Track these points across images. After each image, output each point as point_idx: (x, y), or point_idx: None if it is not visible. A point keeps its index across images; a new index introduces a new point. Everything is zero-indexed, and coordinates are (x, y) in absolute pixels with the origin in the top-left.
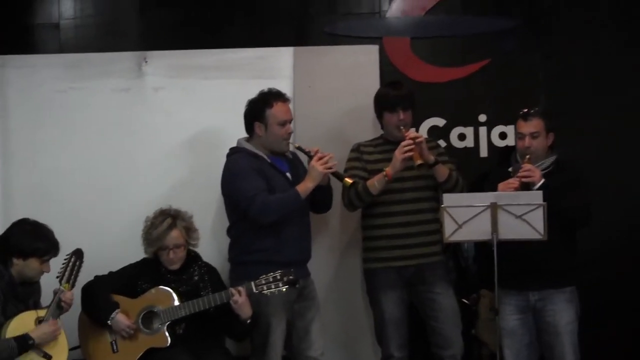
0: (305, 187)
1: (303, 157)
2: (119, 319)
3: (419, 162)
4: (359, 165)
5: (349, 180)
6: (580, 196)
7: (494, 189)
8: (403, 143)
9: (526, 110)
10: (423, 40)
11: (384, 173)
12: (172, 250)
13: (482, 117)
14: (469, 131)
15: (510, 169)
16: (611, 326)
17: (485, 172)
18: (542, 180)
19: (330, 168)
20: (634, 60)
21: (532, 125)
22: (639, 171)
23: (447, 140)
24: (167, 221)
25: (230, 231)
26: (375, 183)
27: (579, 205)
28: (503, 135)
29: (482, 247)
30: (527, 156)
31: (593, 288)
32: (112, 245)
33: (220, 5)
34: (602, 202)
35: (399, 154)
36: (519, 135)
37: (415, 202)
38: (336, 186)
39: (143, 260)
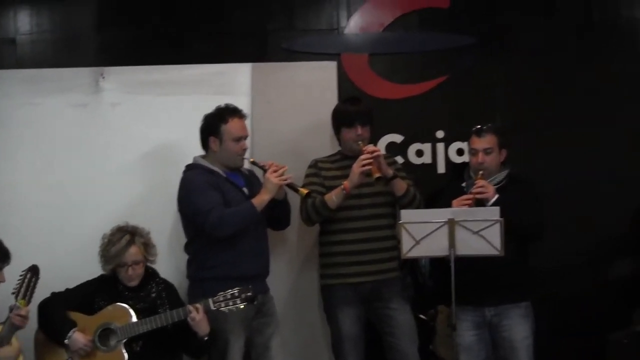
0: (260, 200)
1: (259, 173)
2: (76, 337)
3: (376, 175)
4: (316, 180)
5: (304, 191)
6: (534, 211)
7: (448, 205)
8: (361, 157)
9: (479, 126)
10: (381, 57)
11: (342, 187)
12: (131, 267)
13: (440, 134)
14: (426, 147)
15: (464, 184)
16: (566, 341)
17: (440, 188)
18: (496, 196)
19: (285, 180)
20: (588, 77)
21: (486, 141)
22: (592, 186)
23: (404, 156)
24: (125, 238)
25: (187, 247)
26: (333, 197)
27: (533, 219)
28: (460, 152)
29: (438, 263)
30: (480, 172)
31: (548, 303)
32: (69, 262)
33: (178, 22)
34: (557, 217)
35: (356, 168)
36: (472, 151)
37: (373, 219)
38: (294, 203)
39: (100, 277)
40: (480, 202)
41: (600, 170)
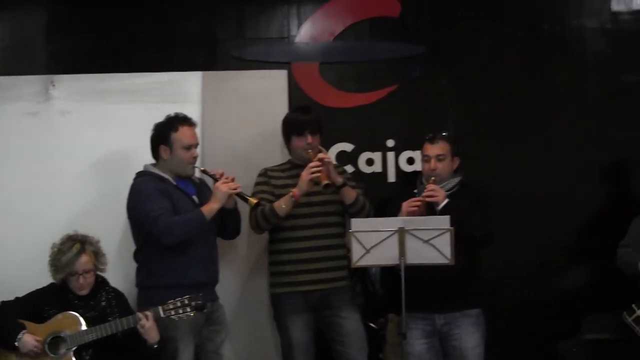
0: (210, 208)
1: (210, 181)
2: (26, 339)
3: (325, 182)
4: (266, 189)
5: (253, 200)
6: (484, 218)
7: (398, 211)
8: (310, 164)
9: (432, 134)
10: (332, 66)
11: (291, 194)
12: (82, 275)
13: (390, 143)
14: (377, 156)
15: (415, 191)
16: (516, 350)
17: (391, 196)
18: (446, 201)
19: (235, 189)
20: (537, 85)
21: (438, 148)
22: (543, 195)
23: (355, 165)
24: (75, 246)
25: (137, 255)
26: (282, 204)
27: (482, 226)
28: (411, 161)
29: (388, 271)
30: (432, 178)
31: (497, 311)
32: (18, 271)
33: (128, 30)
34: (507, 225)
35: (305, 175)
36: (425, 158)
37: (322, 227)
38: (245, 212)
39: (50, 286)
40: (430, 206)
41: (550, 179)
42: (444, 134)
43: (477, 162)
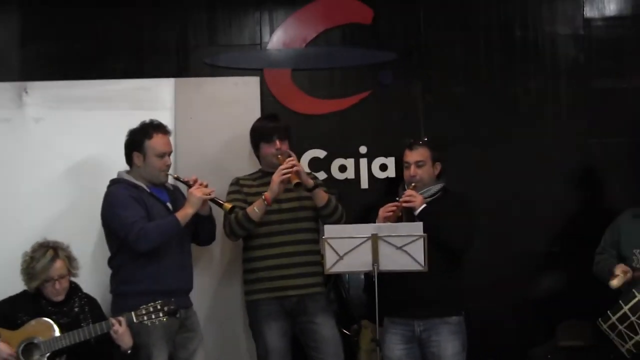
0: (184, 214)
1: (184, 189)
2: (0, 347)
3: (296, 180)
4: (239, 197)
5: (228, 205)
6: (462, 224)
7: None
8: (281, 167)
9: (412, 140)
10: (303, 72)
11: (263, 197)
12: (58, 281)
13: (363, 149)
14: (349, 163)
15: (398, 198)
16: (492, 356)
17: (372, 205)
18: (423, 206)
19: (208, 194)
20: (509, 92)
21: (418, 154)
22: (515, 202)
23: (328, 171)
24: (49, 253)
25: (111, 262)
26: (255, 208)
27: (458, 232)
28: (384, 167)
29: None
30: (413, 184)
31: (472, 317)
32: None
33: (101, 37)
34: (482, 231)
35: (276, 177)
36: (405, 165)
37: (295, 233)
38: (219, 218)
39: (23, 293)
40: (409, 213)
41: (522, 185)
42: (425, 139)
43: (449, 168)
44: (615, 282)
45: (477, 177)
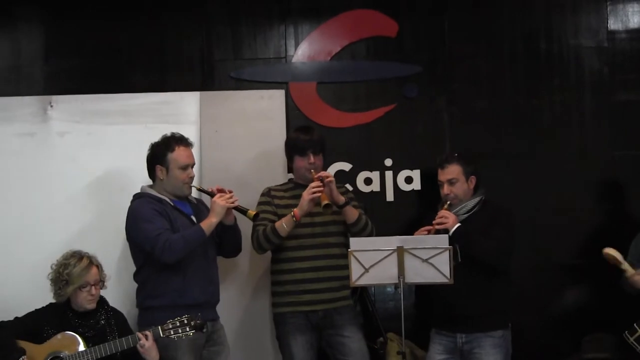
0: (209, 223)
1: (207, 200)
2: None
3: (325, 202)
4: (269, 209)
5: (252, 212)
6: (495, 240)
7: None
8: (312, 184)
9: (443, 158)
10: (329, 85)
11: (292, 214)
12: (94, 286)
13: (388, 162)
14: (375, 175)
15: None
16: None
17: (419, 216)
18: (457, 225)
19: (232, 202)
20: (533, 105)
21: (449, 172)
22: (541, 213)
23: (353, 184)
24: (84, 259)
25: (136, 276)
26: (283, 224)
27: (491, 250)
28: (409, 180)
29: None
30: (448, 202)
31: (526, 332)
32: (17, 292)
33: (125, 50)
34: (530, 244)
35: (306, 195)
36: (439, 183)
37: (325, 247)
38: (245, 229)
39: (49, 306)
40: (443, 233)
41: (547, 198)
42: (455, 155)
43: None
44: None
45: (502, 190)
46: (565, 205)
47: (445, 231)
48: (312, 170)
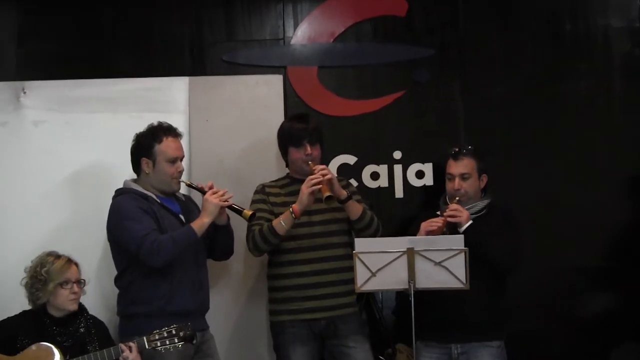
0: (200, 223)
1: (197, 199)
2: None
3: (327, 194)
4: (265, 207)
5: (248, 212)
6: (507, 240)
7: (417, 232)
8: (311, 177)
9: (457, 149)
10: (331, 70)
11: (291, 209)
12: (75, 284)
13: (397, 154)
14: (382, 169)
15: (438, 212)
16: None
17: (411, 217)
18: (470, 222)
19: (226, 201)
20: (557, 91)
21: (463, 166)
22: (566, 213)
23: (358, 179)
24: (62, 257)
25: (118, 281)
26: (281, 222)
27: (506, 251)
28: (420, 174)
29: (403, 296)
30: (457, 198)
31: (520, 341)
32: None
33: (107, 32)
34: (528, 247)
35: (305, 188)
36: (449, 176)
37: (326, 249)
38: (238, 229)
39: (23, 313)
40: (452, 228)
41: (573, 194)
42: (469, 148)
43: (491, 177)
44: None
45: (521, 185)
46: (591, 202)
47: (454, 229)
48: (309, 163)
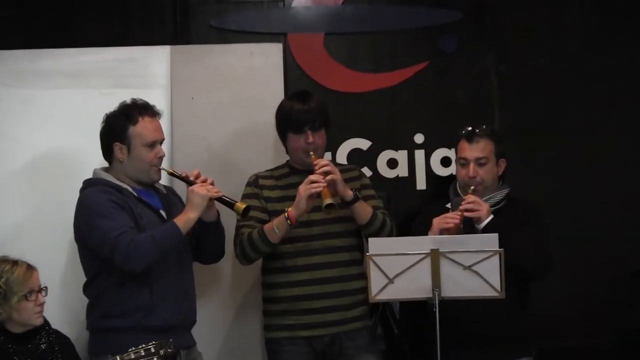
0: (186, 219)
1: (181, 188)
2: None
3: (327, 201)
4: (257, 204)
5: (241, 205)
6: (538, 242)
7: (426, 229)
8: (311, 176)
9: (470, 128)
10: (340, 37)
11: (286, 214)
12: (39, 293)
13: (419, 138)
14: (401, 156)
15: (448, 205)
16: None
17: (416, 210)
18: (491, 217)
19: (216, 192)
20: (608, 64)
21: (479, 149)
22: (609, 207)
23: (373, 167)
24: (20, 264)
25: (87, 289)
26: (274, 228)
27: (536, 253)
28: (446, 161)
29: (407, 306)
30: (472, 187)
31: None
32: None
33: None
34: (561, 250)
35: (303, 190)
36: (461, 161)
37: (331, 252)
38: (230, 225)
39: None
40: (469, 224)
41: (618, 187)
42: (484, 127)
43: (527, 165)
44: None
45: (561, 173)
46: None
47: (471, 225)
48: (310, 153)
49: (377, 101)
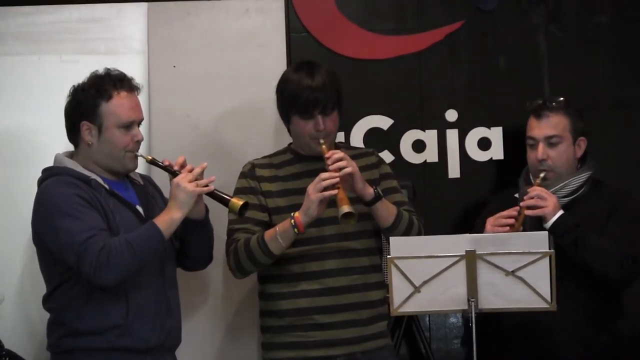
0: (169, 220)
1: (162, 179)
2: None
3: (345, 209)
4: (254, 201)
5: (237, 202)
6: (617, 238)
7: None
8: (322, 175)
9: (542, 101)
10: None
11: (292, 221)
12: None
13: (451, 115)
14: (430, 137)
15: (517, 195)
16: None
17: (482, 201)
18: (560, 213)
19: (205, 186)
20: None
21: (550, 126)
22: None
23: (395, 151)
24: None
25: (48, 302)
26: (278, 237)
27: (617, 253)
28: (485, 144)
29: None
30: (542, 174)
31: None
32: None
33: None
34: None
35: (313, 193)
36: (530, 142)
37: (345, 257)
38: (219, 222)
39: None
40: (535, 222)
41: None
42: (559, 100)
43: (591, 147)
44: None
45: (631, 155)
46: None
47: (540, 222)
48: (321, 141)
49: (400, 70)
